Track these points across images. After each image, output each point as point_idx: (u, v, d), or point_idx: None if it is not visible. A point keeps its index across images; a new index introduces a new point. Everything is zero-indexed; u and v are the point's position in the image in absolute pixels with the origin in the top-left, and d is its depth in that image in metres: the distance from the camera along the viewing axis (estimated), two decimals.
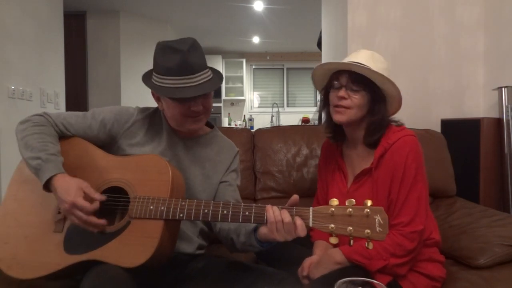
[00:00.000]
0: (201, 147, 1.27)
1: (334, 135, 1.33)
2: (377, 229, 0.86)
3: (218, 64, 7.30)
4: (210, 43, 6.92)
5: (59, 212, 1.07)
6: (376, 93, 1.20)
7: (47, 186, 1.03)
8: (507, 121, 2.08)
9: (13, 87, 2.39)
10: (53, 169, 1.03)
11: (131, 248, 0.98)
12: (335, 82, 1.23)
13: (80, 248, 1.01)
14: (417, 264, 1.18)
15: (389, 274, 1.11)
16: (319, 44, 3.58)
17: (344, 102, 1.20)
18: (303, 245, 1.32)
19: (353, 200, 0.89)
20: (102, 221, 1.01)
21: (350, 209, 0.88)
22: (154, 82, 1.14)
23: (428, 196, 1.22)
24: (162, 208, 1.00)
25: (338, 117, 1.22)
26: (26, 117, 1.16)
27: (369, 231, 0.86)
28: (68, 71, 3.23)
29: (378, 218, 0.86)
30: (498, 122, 2.12)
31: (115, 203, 1.09)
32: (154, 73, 1.15)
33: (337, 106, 1.22)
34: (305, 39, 6.28)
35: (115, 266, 0.95)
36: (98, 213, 1.03)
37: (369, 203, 0.87)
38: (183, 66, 1.08)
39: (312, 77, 1.33)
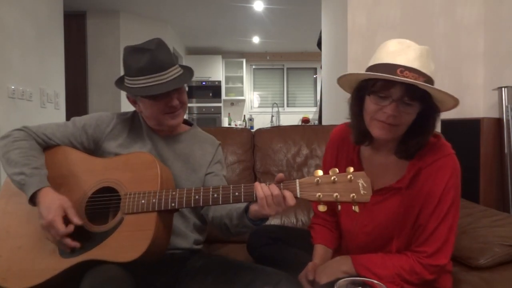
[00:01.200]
0: (182, 144, 1.29)
1: (358, 136, 1.11)
2: (362, 192, 0.89)
3: (218, 64, 7.31)
4: (210, 43, 6.92)
5: None
6: (429, 105, 1.01)
7: (33, 200, 1.04)
8: (507, 121, 2.07)
9: (13, 87, 2.39)
10: (38, 184, 1.03)
11: (127, 243, 0.99)
12: (382, 94, 0.99)
13: (76, 250, 1.01)
14: None
15: None
16: (319, 44, 3.58)
17: (393, 120, 0.99)
18: (302, 249, 1.31)
19: (336, 169, 0.92)
20: (75, 244, 1.01)
21: (334, 177, 0.92)
22: (127, 85, 1.16)
23: (457, 223, 1.08)
24: (154, 200, 1.01)
25: (380, 134, 1.02)
26: (6, 132, 1.16)
27: (354, 194, 0.89)
28: (68, 71, 3.23)
29: (361, 181, 0.90)
30: (498, 122, 2.12)
31: (106, 203, 1.09)
32: (126, 77, 1.17)
33: (381, 121, 1.01)
34: (305, 39, 6.27)
35: (115, 266, 0.95)
36: (90, 215, 1.05)
37: (351, 169, 0.91)
38: (153, 64, 1.11)
39: (340, 78, 1.09)
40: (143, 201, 1.02)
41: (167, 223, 1.07)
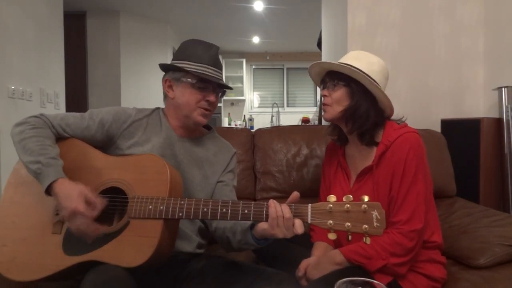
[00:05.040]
0: (199, 147, 1.28)
1: (338, 137, 1.35)
2: (375, 224, 0.87)
3: None
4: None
5: (57, 214, 1.07)
6: (353, 87, 1.21)
7: (48, 190, 1.03)
8: (507, 121, 2.08)
9: (13, 87, 2.39)
10: (54, 174, 1.02)
11: (131, 248, 0.98)
12: (323, 83, 1.30)
13: (80, 249, 1.01)
14: (417, 265, 1.17)
15: (389, 274, 1.11)
16: (319, 44, 3.58)
17: (325, 100, 1.26)
18: (303, 245, 1.32)
19: (351, 196, 0.90)
20: (103, 228, 1.00)
21: (348, 205, 0.89)
22: (182, 65, 1.20)
23: (430, 194, 1.21)
24: (161, 207, 1.00)
25: (324, 116, 1.28)
26: (22, 119, 1.15)
27: (366, 226, 0.87)
28: (68, 71, 3.23)
29: (375, 213, 0.87)
30: (498, 122, 2.12)
31: (113, 203, 1.09)
32: (179, 61, 1.21)
33: (323, 105, 1.28)
34: (305, 39, 6.28)
35: (116, 266, 0.95)
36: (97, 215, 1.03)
37: (366, 198, 0.88)
38: (215, 59, 1.22)
39: (313, 79, 1.39)
40: (150, 207, 1.00)
41: (172, 231, 1.06)
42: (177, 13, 5.16)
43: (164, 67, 1.25)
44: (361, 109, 1.20)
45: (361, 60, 1.22)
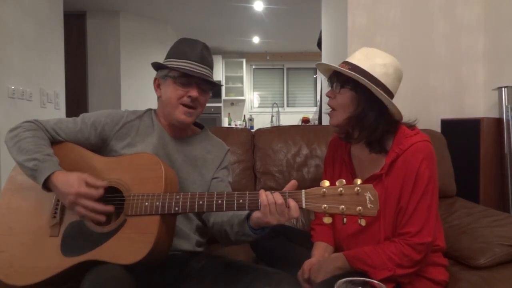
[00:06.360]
0: (192, 146, 1.29)
1: (346, 135, 1.25)
2: (368, 205, 0.88)
3: (218, 64, 7.30)
4: (210, 43, 6.82)
5: (54, 217, 1.07)
6: (360, 93, 1.13)
7: (46, 185, 1.03)
8: (507, 121, 2.07)
9: (13, 87, 2.39)
10: (51, 168, 1.04)
11: (129, 245, 0.99)
12: (330, 82, 1.23)
13: (78, 249, 1.01)
14: (421, 269, 1.15)
15: (392, 282, 1.09)
16: (319, 44, 3.58)
17: (330, 102, 1.20)
18: (303, 245, 1.32)
19: (343, 180, 0.92)
20: (109, 207, 1.02)
21: (341, 188, 0.91)
22: (165, 63, 1.21)
23: (438, 204, 1.16)
24: (157, 203, 1.01)
25: (330, 122, 1.21)
26: (16, 124, 1.17)
27: (360, 208, 0.89)
28: (68, 71, 3.23)
29: (368, 195, 0.89)
30: (498, 122, 2.12)
31: (110, 203, 1.09)
32: (168, 59, 1.22)
33: (331, 109, 1.20)
34: (305, 39, 6.27)
35: (116, 265, 0.96)
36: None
37: (358, 181, 0.90)
38: (201, 55, 1.20)
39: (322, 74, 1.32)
40: (146, 204, 1.01)
41: (169, 226, 1.07)
42: (177, 13, 5.16)
43: (154, 66, 1.27)
44: (368, 118, 1.13)
45: (373, 60, 1.14)
